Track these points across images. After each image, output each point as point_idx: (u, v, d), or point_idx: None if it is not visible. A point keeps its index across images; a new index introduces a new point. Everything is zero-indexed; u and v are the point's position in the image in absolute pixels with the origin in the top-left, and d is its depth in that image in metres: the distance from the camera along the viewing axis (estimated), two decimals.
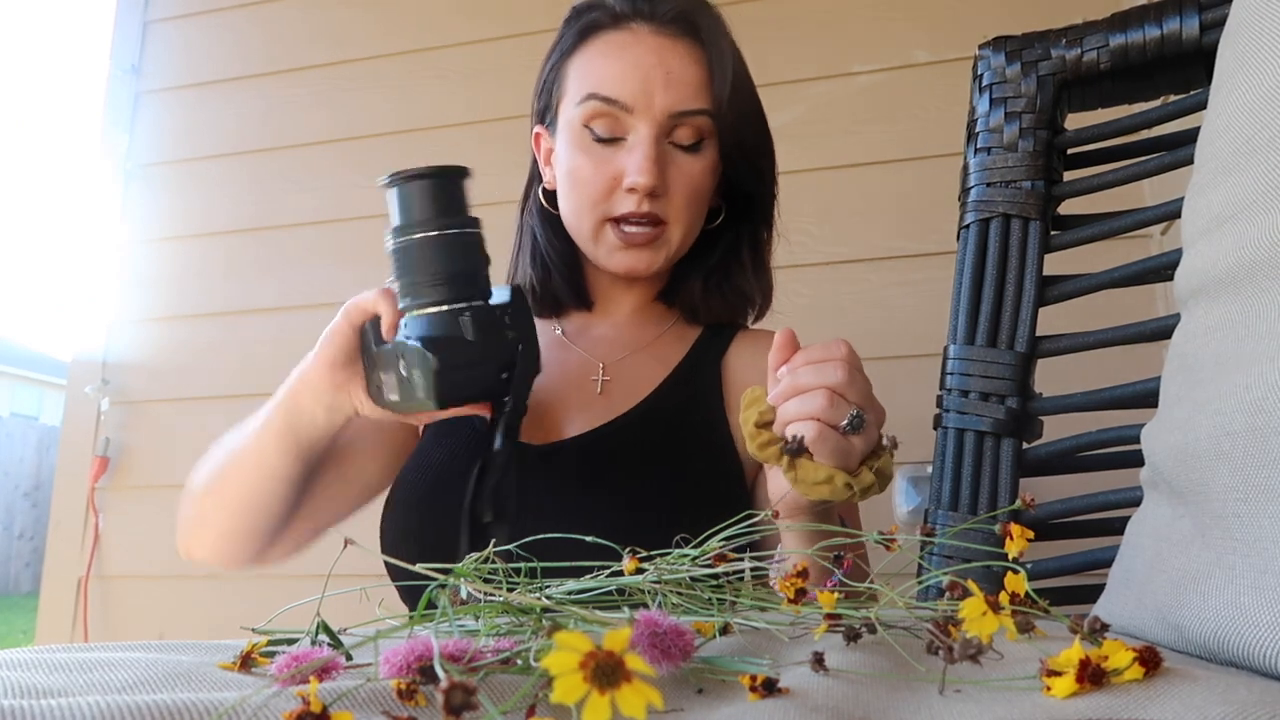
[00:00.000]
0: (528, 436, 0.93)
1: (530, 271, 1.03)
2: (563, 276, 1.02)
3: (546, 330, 1.05)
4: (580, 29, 0.96)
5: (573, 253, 1.01)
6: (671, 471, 0.87)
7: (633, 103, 0.90)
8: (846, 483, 0.65)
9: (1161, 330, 0.80)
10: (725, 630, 0.46)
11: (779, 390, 0.67)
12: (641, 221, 0.92)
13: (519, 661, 0.37)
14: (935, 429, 0.90)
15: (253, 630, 0.47)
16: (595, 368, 0.99)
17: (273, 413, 0.85)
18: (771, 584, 0.52)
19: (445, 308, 0.74)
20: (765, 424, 0.69)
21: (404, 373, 0.75)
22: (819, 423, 0.65)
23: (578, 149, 0.94)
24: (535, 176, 1.05)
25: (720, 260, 1.01)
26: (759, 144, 0.99)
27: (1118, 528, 0.63)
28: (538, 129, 1.03)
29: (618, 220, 0.92)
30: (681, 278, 1.02)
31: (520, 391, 0.78)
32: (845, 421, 0.64)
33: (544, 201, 1.02)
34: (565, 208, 0.97)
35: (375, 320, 0.79)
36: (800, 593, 0.48)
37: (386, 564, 0.82)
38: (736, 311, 1.02)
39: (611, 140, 0.92)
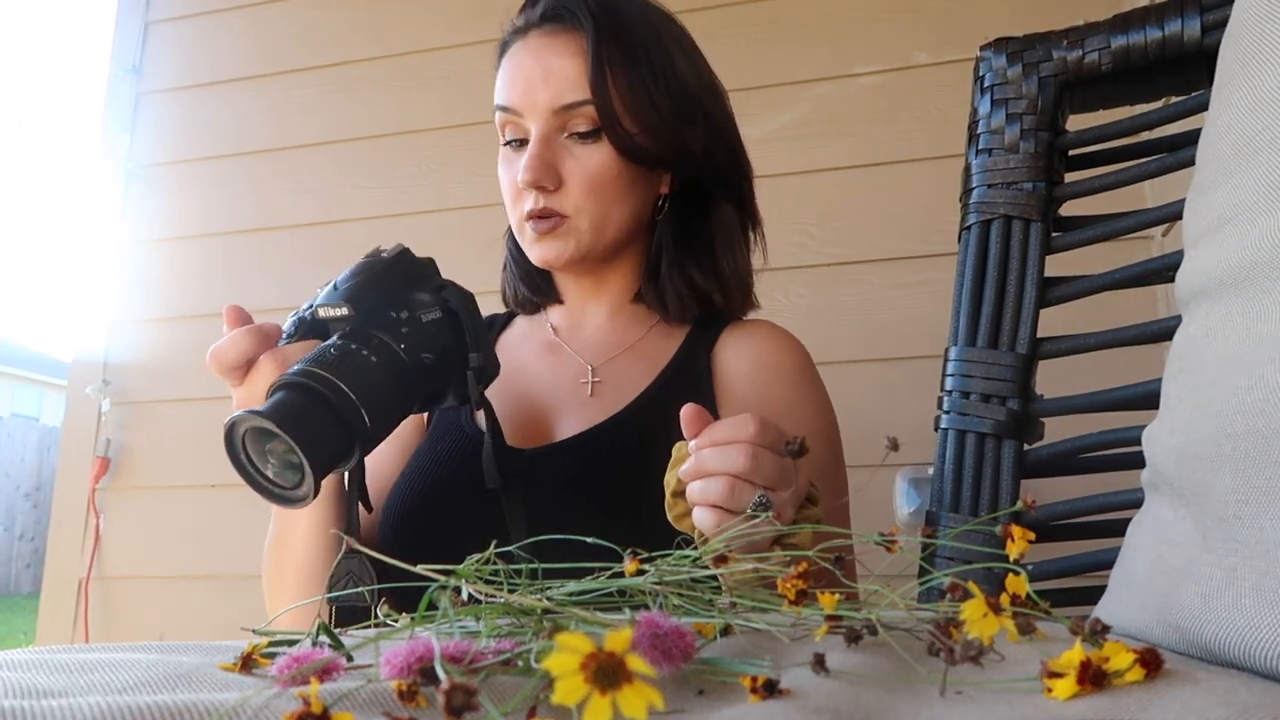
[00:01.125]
0: (519, 440, 0.93)
1: (503, 274, 1.09)
2: (522, 281, 1.06)
3: (540, 332, 1.06)
4: (499, 49, 1.00)
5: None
6: (661, 476, 0.86)
7: (521, 106, 0.94)
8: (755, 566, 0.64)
9: (1163, 332, 0.80)
10: (726, 631, 0.46)
11: (686, 468, 0.67)
12: (544, 216, 0.94)
13: (520, 663, 0.37)
14: (936, 430, 0.90)
15: (253, 631, 0.47)
16: (585, 370, 0.99)
17: None
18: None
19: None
20: (682, 492, 0.68)
21: None
22: (719, 510, 0.64)
23: (500, 157, 0.98)
24: None
25: (658, 249, 1.01)
26: (671, 123, 0.95)
27: (1119, 529, 0.63)
28: None
29: (528, 217, 0.95)
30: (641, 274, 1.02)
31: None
32: (750, 509, 0.62)
33: None
34: None
35: None
36: (801, 594, 0.48)
37: (386, 566, 0.82)
38: (701, 300, 1.00)
39: (520, 145, 0.96)
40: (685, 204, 1.01)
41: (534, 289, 1.06)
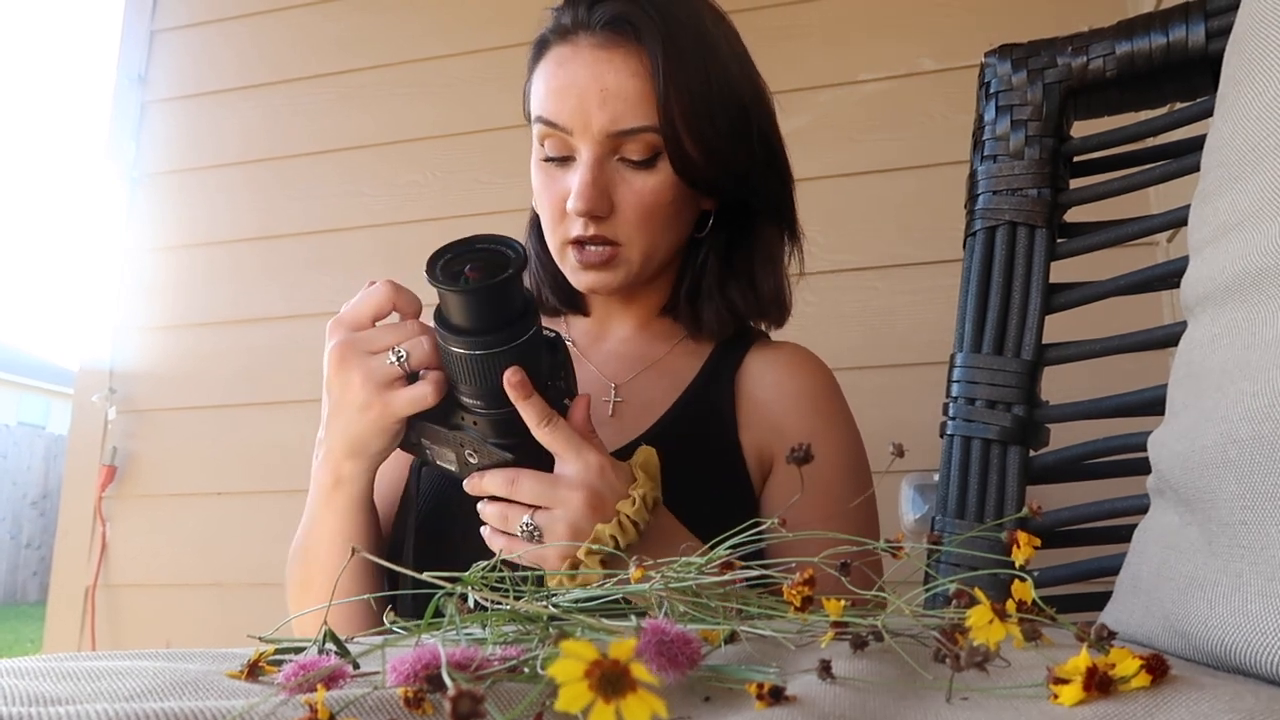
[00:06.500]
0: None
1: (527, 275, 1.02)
2: (550, 288, 1.01)
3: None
4: (537, 43, 0.93)
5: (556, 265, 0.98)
6: (679, 499, 0.84)
7: (571, 125, 0.87)
8: (574, 563, 0.72)
9: (1168, 338, 0.80)
10: (732, 638, 0.46)
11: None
12: (594, 243, 0.89)
13: (526, 669, 0.37)
14: (941, 437, 0.90)
15: (259, 639, 0.47)
16: (606, 388, 0.96)
17: (324, 483, 0.82)
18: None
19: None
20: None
21: (470, 459, 0.77)
22: (498, 534, 0.75)
23: (537, 168, 0.92)
24: None
25: (701, 268, 0.97)
26: (729, 144, 0.91)
27: (1125, 535, 0.63)
28: None
29: (574, 242, 0.90)
30: (675, 290, 0.99)
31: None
32: (520, 533, 0.74)
33: (535, 211, 0.99)
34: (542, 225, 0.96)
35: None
36: (807, 600, 0.48)
37: (392, 574, 0.82)
38: (738, 320, 0.98)
39: (562, 160, 0.89)
40: (728, 220, 0.97)
41: (563, 299, 1.01)
